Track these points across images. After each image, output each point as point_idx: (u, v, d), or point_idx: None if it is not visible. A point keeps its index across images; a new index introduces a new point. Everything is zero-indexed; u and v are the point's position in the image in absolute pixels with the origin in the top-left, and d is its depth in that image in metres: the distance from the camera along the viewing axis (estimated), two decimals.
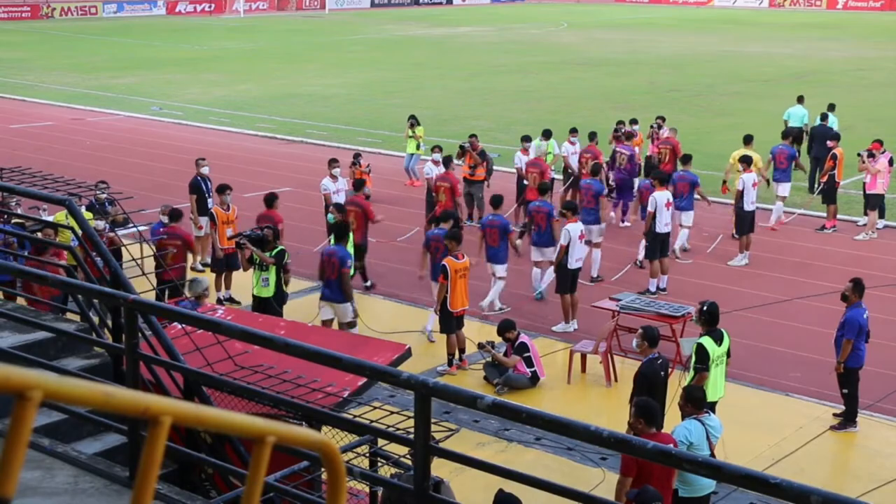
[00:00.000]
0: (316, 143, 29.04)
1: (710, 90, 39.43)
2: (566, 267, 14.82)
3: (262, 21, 76.28)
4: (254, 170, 25.19)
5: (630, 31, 68.70)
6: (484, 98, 37.90)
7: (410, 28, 71.30)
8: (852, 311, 11.58)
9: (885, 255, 18.86)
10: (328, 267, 13.57)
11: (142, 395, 1.94)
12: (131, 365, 5.91)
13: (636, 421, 8.29)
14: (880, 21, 77.97)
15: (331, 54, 53.48)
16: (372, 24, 74.17)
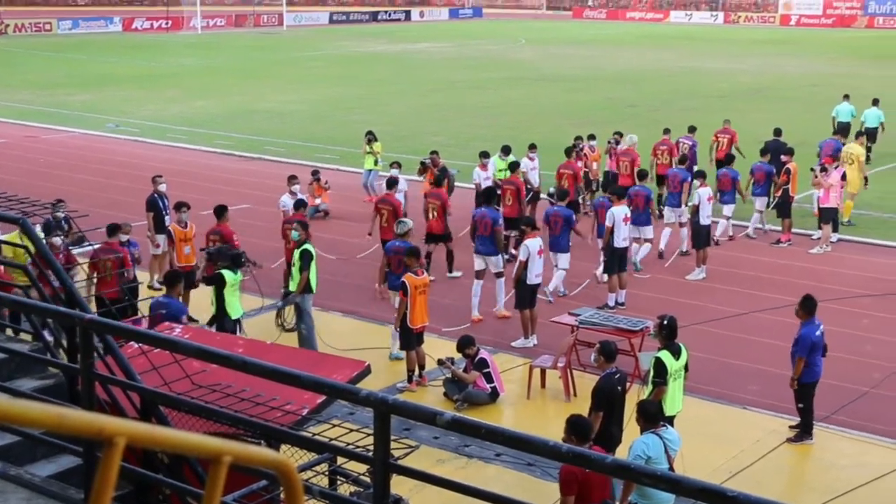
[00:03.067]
0: (274, 160, 28.95)
1: (668, 105, 39.79)
2: (525, 282, 14.86)
3: (220, 37, 76.02)
4: (212, 187, 25.06)
5: (587, 47, 69.21)
6: (443, 114, 37.99)
7: (369, 44, 71.37)
8: (805, 329, 11.70)
9: (839, 269, 19.09)
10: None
11: (96, 415, 1.93)
12: (87, 385, 5.85)
13: (568, 437, 8.25)
14: (832, 37, 79.15)
15: (289, 70, 53.39)
16: (330, 40, 74.15)
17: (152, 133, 33.64)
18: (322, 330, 14.43)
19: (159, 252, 17.30)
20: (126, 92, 44.02)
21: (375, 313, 16.22)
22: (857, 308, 16.56)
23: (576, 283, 17.68)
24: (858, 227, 21.74)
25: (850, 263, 19.44)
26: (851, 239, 20.99)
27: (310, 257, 14.14)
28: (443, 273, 18.15)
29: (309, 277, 14.11)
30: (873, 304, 17.04)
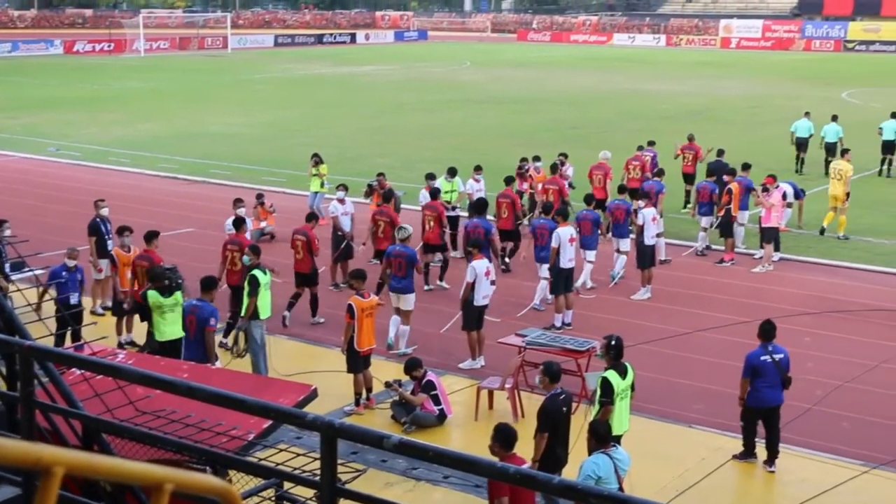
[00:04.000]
0: (219, 183, 28.77)
1: (612, 127, 40.19)
2: (472, 304, 14.88)
3: (164, 60, 75.51)
4: (155, 210, 24.82)
5: (532, 69, 69.74)
6: (388, 136, 38.03)
7: (314, 67, 71.31)
8: (751, 352, 11.81)
9: (781, 287, 19.36)
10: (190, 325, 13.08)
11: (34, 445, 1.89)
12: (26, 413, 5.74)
13: (493, 445, 8.57)
14: (771, 60, 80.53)
15: (234, 93, 53.17)
16: (276, 63, 73.97)
17: (94, 157, 33.28)
18: (269, 353, 14.32)
19: (102, 277, 17.09)
20: (68, 115, 43.52)
21: (322, 336, 16.15)
22: (799, 326, 16.78)
23: (522, 305, 17.74)
24: (798, 247, 22.07)
25: (791, 282, 19.72)
26: (793, 258, 21.30)
27: (257, 283, 14.03)
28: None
29: (257, 304, 13.99)
30: (814, 321, 17.28)
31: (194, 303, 12.97)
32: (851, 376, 14.78)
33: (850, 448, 12.50)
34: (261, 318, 14.09)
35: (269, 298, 14.30)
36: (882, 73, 67.59)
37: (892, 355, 15.69)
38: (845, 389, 14.33)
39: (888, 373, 15.06)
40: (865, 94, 51.45)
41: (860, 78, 63.20)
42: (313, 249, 16.74)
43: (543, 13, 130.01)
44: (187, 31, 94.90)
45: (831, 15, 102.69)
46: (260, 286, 14.03)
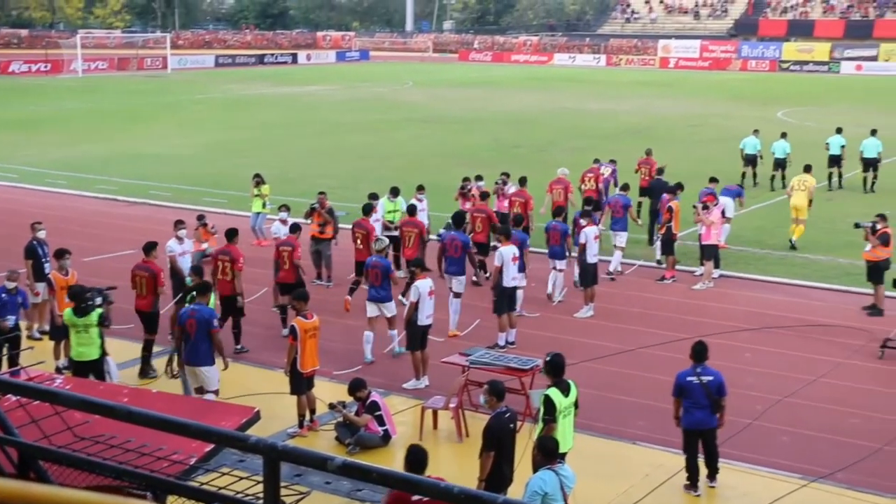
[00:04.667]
0: (160, 205, 28.48)
1: (553, 146, 40.47)
2: (416, 323, 14.86)
3: (103, 81, 74.75)
4: (94, 233, 24.52)
5: (474, 89, 70.06)
6: (331, 156, 37.96)
7: (256, 87, 71.03)
8: (681, 371, 11.84)
9: (721, 304, 19.58)
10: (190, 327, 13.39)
11: None
12: None
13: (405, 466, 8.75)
14: (708, 79, 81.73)
15: (174, 114, 52.76)
16: (217, 83, 73.56)
17: (31, 179, 32.79)
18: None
19: (39, 300, 16.82)
20: (4, 136, 42.87)
21: (265, 358, 16.03)
22: (739, 342, 17.00)
23: (466, 324, 17.76)
24: (738, 263, 22.36)
25: (731, 298, 19.96)
26: (732, 275, 21.57)
27: None
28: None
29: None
30: (754, 337, 17.51)
31: (193, 307, 13.45)
32: (790, 391, 15.00)
33: (790, 462, 12.67)
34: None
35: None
36: (815, 92, 68.92)
37: (830, 370, 15.95)
38: (785, 404, 14.53)
39: (826, 387, 15.29)
40: (800, 112, 52.39)
41: (795, 97, 64.37)
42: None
43: (485, 33, 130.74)
44: (126, 52, 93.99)
45: (766, 36, 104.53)
46: None
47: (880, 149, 31.43)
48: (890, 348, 16.41)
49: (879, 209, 21.01)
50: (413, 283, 15.14)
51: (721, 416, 11.64)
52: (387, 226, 20.65)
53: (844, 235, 23.44)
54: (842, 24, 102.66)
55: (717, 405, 11.53)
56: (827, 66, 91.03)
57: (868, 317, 18.67)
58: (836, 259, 22.76)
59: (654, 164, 26.00)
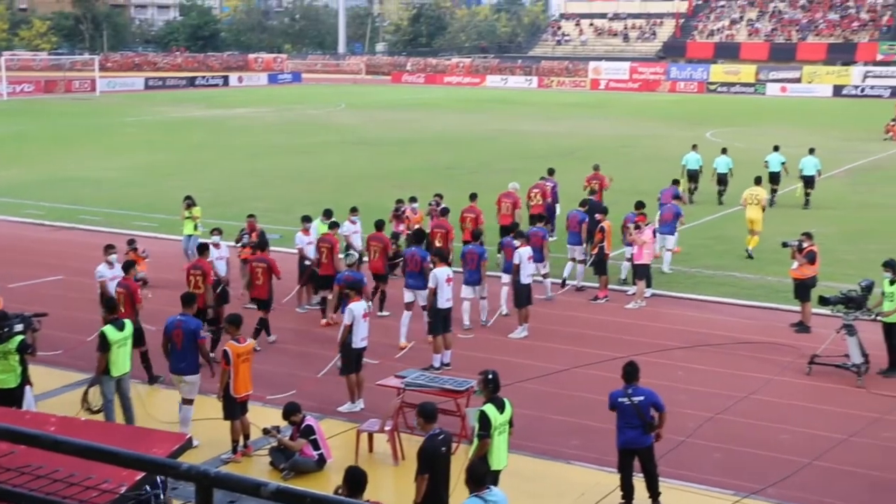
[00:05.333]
0: (89, 229, 28.05)
1: (486, 167, 40.67)
2: (350, 346, 14.80)
3: (29, 104, 73.61)
4: (21, 258, 24.07)
5: (407, 111, 70.22)
6: (264, 179, 37.74)
7: (187, 110, 70.45)
8: (613, 391, 11.89)
9: (654, 323, 19.80)
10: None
11: None
12: None
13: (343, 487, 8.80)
14: (638, 100, 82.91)
15: (104, 137, 52.10)
16: (146, 106, 72.82)
17: None
18: (143, 402, 13.95)
19: None
20: None
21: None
22: (671, 360, 17.19)
23: (400, 347, 17.72)
24: (670, 283, 22.62)
25: (663, 317, 20.19)
26: (664, 293, 21.82)
27: (104, 341, 13.50)
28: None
29: (109, 360, 13.51)
30: (686, 355, 17.72)
31: (178, 318, 13.70)
32: (722, 408, 15.19)
33: (722, 478, 12.82)
34: (112, 374, 13.51)
35: (125, 355, 13.71)
36: (742, 113, 70.22)
37: (760, 386, 16.19)
38: (717, 421, 14.72)
39: (756, 403, 15.52)
40: (728, 133, 53.27)
41: (722, 118, 65.49)
42: (275, 273, 17.80)
43: (417, 55, 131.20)
44: (53, 74, 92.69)
45: (694, 58, 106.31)
46: (110, 345, 13.46)
47: (819, 167, 32.62)
48: (817, 364, 16.71)
49: (805, 227, 21.46)
50: (347, 306, 15.08)
51: (660, 427, 11.70)
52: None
53: (772, 254, 23.85)
54: (766, 47, 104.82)
55: (649, 425, 11.56)
56: (753, 88, 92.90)
57: (796, 334, 19.00)
58: (765, 277, 23.15)
59: (604, 178, 27.16)
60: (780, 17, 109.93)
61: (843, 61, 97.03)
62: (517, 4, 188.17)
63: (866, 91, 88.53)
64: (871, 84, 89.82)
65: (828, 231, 27.25)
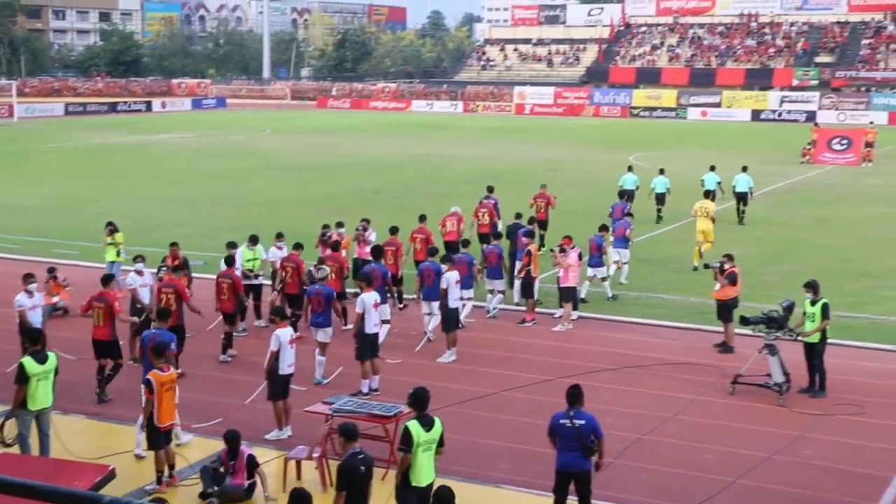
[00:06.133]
0: (7, 258, 27.43)
1: (412, 192, 40.72)
2: (277, 373, 14.66)
3: None
4: None
5: (333, 136, 70.09)
6: (188, 204, 37.33)
7: (108, 135, 69.48)
8: (555, 413, 11.88)
9: (581, 345, 19.93)
10: None
11: None
12: None
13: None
14: (563, 125, 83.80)
15: (22, 164, 51.15)
16: (67, 132, 71.65)
17: None
18: (64, 434, 13.64)
19: None
20: None
21: (121, 414, 15.53)
22: (599, 382, 17.29)
23: (328, 372, 17.61)
24: (595, 305, 22.81)
25: (590, 340, 20.34)
26: (591, 316, 22.00)
27: (22, 373, 13.13)
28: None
29: (27, 393, 13.06)
30: (613, 377, 17.86)
31: (154, 331, 14.66)
32: (649, 429, 15.33)
33: (650, 499, 12.93)
34: (29, 408, 13.09)
35: (46, 388, 13.27)
36: (664, 137, 71.31)
37: (685, 407, 16.38)
38: (643, 442, 14.85)
39: (682, 424, 15.69)
40: (650, 157, 54.00)
41: (646, 142, 66.43)
42: (238, 290, 18.67)
43: (342, 80, 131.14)
44: None
45: (617, 83, 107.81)
46: (28, 377, 13.03)
47: (751, 184, 34.50)
48: (740, 384, 16.96)
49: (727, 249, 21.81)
50: (274, 332, 14.96)
51: (600, 458, 11.70)
52: (246, 274, 20.37)
53: (696, 275, 24.20)
54: (686, 73, 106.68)
55: (589, 450, 11.53)
56: (675, 113, 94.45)
57: (719, 354, 19.28)
58: (688, 298, 23.46)
59: (549, 197, 28.30)
60: (699, 43, 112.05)
61: (761, 86, 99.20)
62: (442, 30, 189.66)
63: (783, 115, 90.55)
64: (787, 109, 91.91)
65: (749, 252, 27.75)
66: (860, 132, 55.62)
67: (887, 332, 20.86)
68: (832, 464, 14.23)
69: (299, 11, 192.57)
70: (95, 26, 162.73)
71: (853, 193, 42.54)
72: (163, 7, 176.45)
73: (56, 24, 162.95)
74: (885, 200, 40.46)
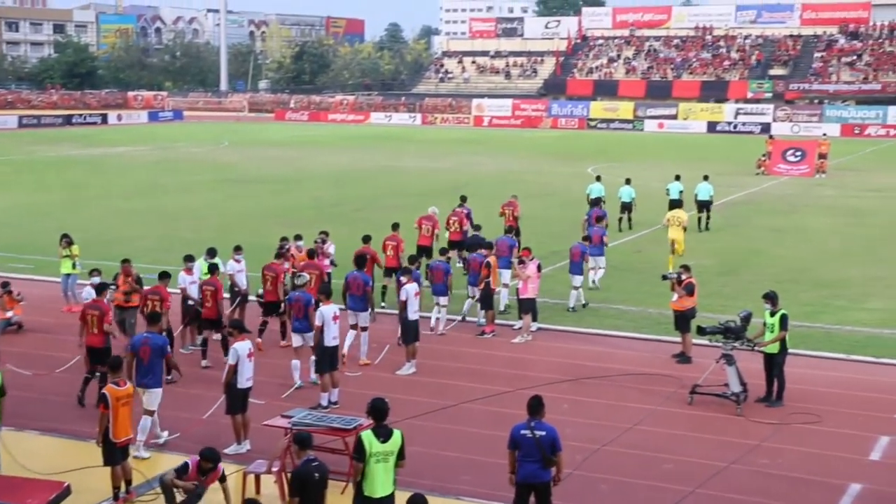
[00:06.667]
0: None
1: (372, 204, 40.67)
2: (236, 387, 14.55)
3: None
4: None
5: (291, 149, 69.90)
6: (145, 217, 37.04)
7: (64, 148, 68.83)
8: (516, 424, 11.84)
9: (540, 356, 19.97)
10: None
11: None
12: None
13: None
14: (521, 137, 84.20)
15: None
16: (20, 145, 70.90)
17: None
18: (18, 451, 13.44)
19: None
20: None
21: (77, 429, 15.33)
22: (558, 393, 17.31)
23: (286, 385, 17.52)
24: (554, 316, 22.87)
25: (549, 351, 20.37)
26: (550, 327, 22.04)
27: None
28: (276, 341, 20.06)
29: None
30: (571, 388, 17.91)
31: (145, 335, 14.84)
32: (608, 439, 15.38)
33: None
34: None
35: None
36: (622, 148, 71.86)
37: (644, 417, 16.46)
38: (603, 452, 14.89)
39: (641, 434, 15.76)
40: (608, 168, 54.35)
41: (603, 153, 66.89)
42: (219, 299, 19.01)
43: (301, 93, 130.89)
44: None
45: (574, 95, 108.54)
46: None
47: (712, 192, 35.63)
48: (698, 394, 17.08)
49: (684, 259, 22.01)
50: (231, 345, 14.85)
51: (558, 472, 11.70)
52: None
53: (653, 286, 24.35)
54: (643, 85, 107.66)
55: (549, 461, 11.51)
56: (632, 124, 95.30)
57: (677, 364, 19.39)
58: (647, 309, 23.60)
59: (517, 206, 28.82)
60: (655, 56, 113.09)
61: (716, 98, 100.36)
62: (400, 42, 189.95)
63: (738, 127, 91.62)
64: (742, 121, 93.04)
65: (706, 263, 27.99)
66: (814, 144, 56.36)
67: (841, 342, 21.11)
68: (789, 472, 14.36)
69: (256, 24, 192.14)
70: (50, 38, 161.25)
71: (807, 204, 43.08)
72: (118, 19, 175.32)
73: (9, 36, 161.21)
74: (839, 211, 41.01)
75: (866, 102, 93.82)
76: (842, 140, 77.02)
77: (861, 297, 25.26)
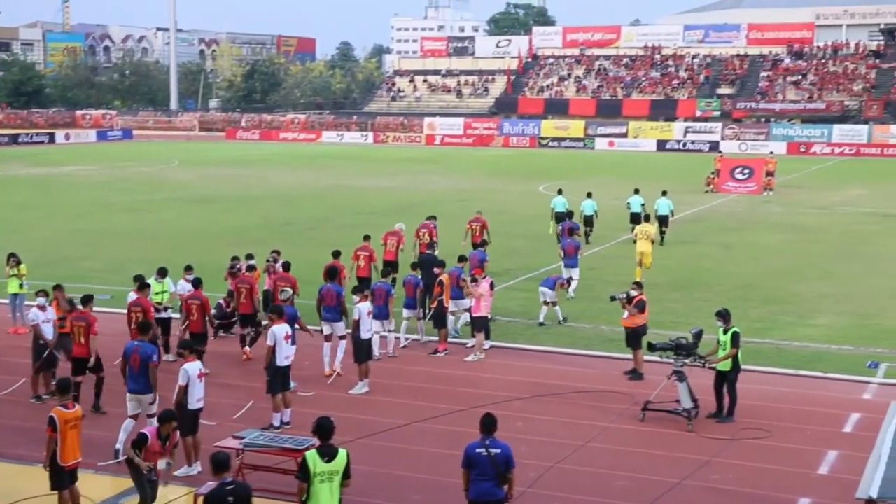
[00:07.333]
0: None
1: (324, 223, 40.55)
2: (187, 407, 14.39)
3: None
4: None
5: (242, 167, 69.52)
6: (94, 238, 36.61)
7: (9, 167, 67.95)
8: (470, 443, 11.79)
9: (493, 375, 19.96)
10: None
11: None
12: None
13: None
14: (473, 155, 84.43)
15: None
16: None
17: None
18: None
19: None
20: None
21: (24, 453, 15.06)
22: (511, 412, 17.32)
23: (238, 406, 17.35)
24: (507, 334, 22.89)
25: (502, 369, 20.37)
26: (502, 345, 22.06)
27: None
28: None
29: None
30: (525, 406, 17.92)
31: (135, 343, 15.31)
32: (561, 457, 15.40)
33: None
34: None
35: None
36: (573, 166, 72.28)
37: (597, 434, 16.51)
38: (556, 470, 14.91)
39: (594, 451, 15.80)
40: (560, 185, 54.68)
41: (555, 171, 67.17)
42: (207, 312, 19.47)
43: (252, 112, 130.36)
44: None
45: (526, 113, 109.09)
46: None
47: (672, 207, 36.55)
48: (650, 410, 17.17)
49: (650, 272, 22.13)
50: (182, 365, 14.70)
51: (510, 489, 11.68)
52: (156, 308, 19.95)
53: (605, 304, 24.45)
54: (594, 104, 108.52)
55: (504, 478, 11.50)
56: (583, 143, 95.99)
57: (629, 381, 19.49)
58: (599, 326, 23.71)
59: (484, 221, 29.52)
60: (605, 75, 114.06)
61: (666, 117, 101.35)
62: (351, 61, 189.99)
63: (688, 145, 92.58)
64: (691, 139, 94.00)
65: (657, 281, 28.19)
66: (761, 162, 57.06)
67: (790, 357, 21.35)
68: (740, 488, 14.47)
69: (207, 42, 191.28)
70: None
71: (756, 221, 43.58)
72: (66, 37, 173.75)
73: None
74: (786, 228, 41.52)
75: (811, 121, 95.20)
76: (788, 158, 78.06)
77: (809, 313, 25.57)
